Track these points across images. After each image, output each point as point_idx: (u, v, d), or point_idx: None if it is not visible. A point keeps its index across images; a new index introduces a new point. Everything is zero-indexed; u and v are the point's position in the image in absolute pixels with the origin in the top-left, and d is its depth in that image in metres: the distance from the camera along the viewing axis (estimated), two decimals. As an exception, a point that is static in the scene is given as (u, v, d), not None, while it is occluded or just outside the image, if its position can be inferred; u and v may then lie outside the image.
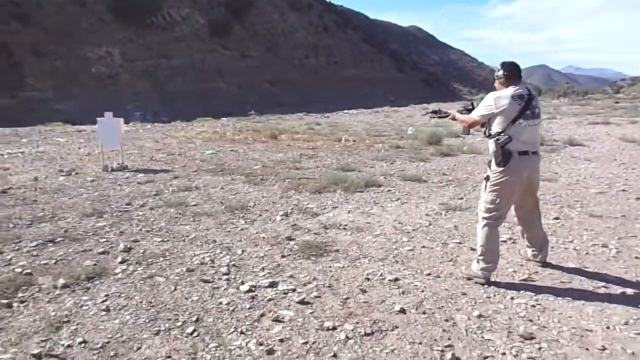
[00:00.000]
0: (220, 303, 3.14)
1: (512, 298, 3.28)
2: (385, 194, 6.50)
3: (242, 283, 3.46)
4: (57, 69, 39.89)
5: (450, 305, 3.15)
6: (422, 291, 3.36)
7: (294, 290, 3.34)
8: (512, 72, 3.48)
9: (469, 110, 3.79)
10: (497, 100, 3.41)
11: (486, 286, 3.46)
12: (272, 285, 3.42)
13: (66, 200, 6.23)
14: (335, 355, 2.53)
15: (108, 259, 4.00)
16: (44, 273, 3.68)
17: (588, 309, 3.13)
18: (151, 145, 12.72)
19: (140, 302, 3.15)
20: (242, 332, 2.76)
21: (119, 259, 3.96)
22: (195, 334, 2.75)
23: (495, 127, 3.42)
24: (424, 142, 12.54)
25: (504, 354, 2.60)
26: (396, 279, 3.55)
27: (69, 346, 2.61)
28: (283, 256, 4.06)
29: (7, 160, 10.00)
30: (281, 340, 2.67)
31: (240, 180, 7.56)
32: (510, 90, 3.41)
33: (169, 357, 2.51)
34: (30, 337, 2.71)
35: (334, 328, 2.81)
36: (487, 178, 3.52)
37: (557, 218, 5.32)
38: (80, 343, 2.64)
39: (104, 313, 3.00)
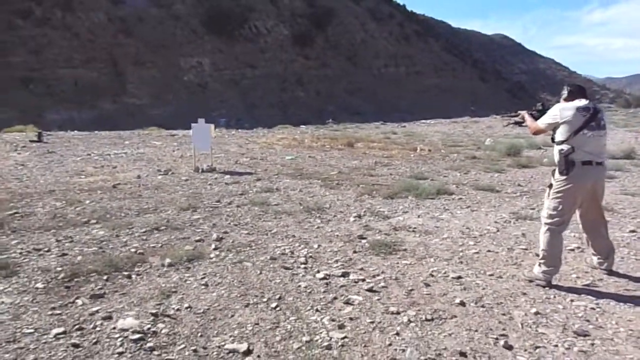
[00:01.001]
0: (299, 286, 3.61)
1: (571, 300, 3.43)
2: (456, 202, 6.70)
3: (318, 272, 3.90)
4: (154, 78, 43.48)
5: (509, 303, 3.37)
6: (483, 289, 3.61)
7: (363, 280, 3.73)
8: (575, 91, 3.70)
9: (539, 112, 3.98)
10: (562, 111, 3.59)
11: (547, 288, 3.62)
12: (344, 275, 3.83)
13: (165, 195, 7.08)
14: (397, 334, 2.88)
15: (204, 246, 4.63)
16: (153, 254, 4.38)
17: (650, 316, 3.20)
18: (236, 149, 13.70)
19: (232, 281, 3.71)
20: (317, 310, 3.19)
21: (213, 246, 4.58)
22: (278, 308, 3.23)
23: (559, 136, 3.61)
24: (502, 153, 12.39)
25: (556, 345, 2.80)
26: (459, 277, 3.82)
27: (178, 310, 3.20)
28: (355, 252, 4.46)
29: (114, 159, 11.35)
30: (351, 319, 3.07)
31: (317, 184, 8.08)
32: (576, 102, 3.59)
33: (257, 324, 3.00)
34: (148, 301, 3.34)
35: (398, 313, 3.16)
36: (551, 185, 3.70)
37: (633, 231, 5.24)
38: (186, 308, 3.22)
39: (203, 287, 3.59)
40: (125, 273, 3.87)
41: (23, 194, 7.10)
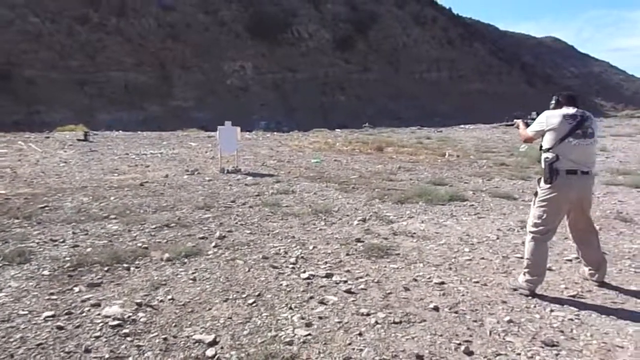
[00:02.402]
0: (281, 285, 3.74)
1: (551, 310, 3.38)
2: (466, 208, 6.63)
3: (304, 272, 4.02)
4: (198, 81, 44.87)
5: (485, 310, 3.37)
6: (463, 295, 3.61)
7: (345, 281, 3.82)
8: (562, 100, 3.66)
9: (534, 120, 3.94)
10: (548, 118, 3.57)
11: (529, 298, 3.58)
12: (328, 276, 3.93)
13: (185, 194, 7.39)
14: (360, 334, 2.95)
15: (205, 243, 4.84)
16: (156, 248, 4.63)
17: (629, 329, 3.12)
18: (266, 152, 14.01)
19: (219, 277, 3.89)
20: (290, 308, 3.31)
21: (213, 244, 4.78)
22: (254, 304, 3.37)
23: (545, 144, 3.58)
24: (533, 160, 12.03)
25: (519, 354, 2.79)
26: (442, 283, 3.83)
27: (161, 301, 3.40)
28: (347, 254, 4.54)
29: (148, 159, 11.89)
30: (320, 318, 3.17)
31: (333, 187, 8.18)
32: (563, 110, 3.56)
33: (230, 318, 3.16)
34: (137, 291, 3.56)
35: (368, 314, 3.23)
36: (536, 194, 3.65)
37: (644, 244, 5.03)
38: (169, 299, 3.42)
39: (191, 281, 3.79)
40: (126, 265, 4.13)
41: (58, 189, 7.60)
